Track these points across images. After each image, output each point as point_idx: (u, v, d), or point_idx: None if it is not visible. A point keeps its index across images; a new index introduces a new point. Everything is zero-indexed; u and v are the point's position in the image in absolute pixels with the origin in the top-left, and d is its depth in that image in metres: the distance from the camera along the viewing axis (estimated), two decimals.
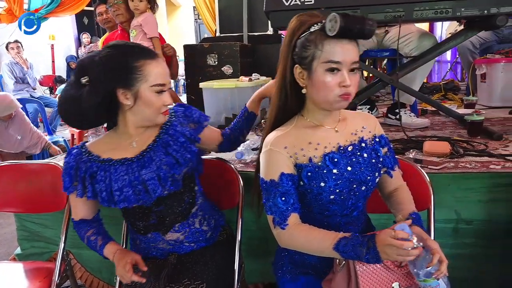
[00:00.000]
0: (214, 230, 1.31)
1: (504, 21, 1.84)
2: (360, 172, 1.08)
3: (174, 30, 11.75)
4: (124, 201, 1.13)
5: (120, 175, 1.13)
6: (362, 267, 1.02)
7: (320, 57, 0.98)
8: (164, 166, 1.14)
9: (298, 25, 1.04)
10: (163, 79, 1.12)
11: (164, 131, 1.20)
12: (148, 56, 1.11)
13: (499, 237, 1.44)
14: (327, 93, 1.00)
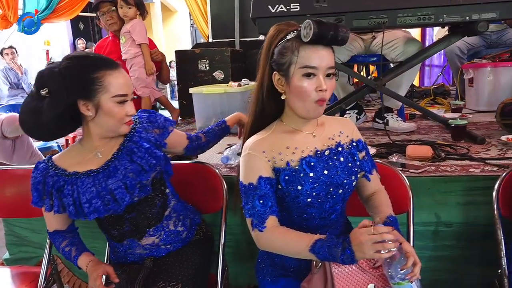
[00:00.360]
0: (190, 229, 1.33)
1: (485, 27, 1.88)
2: (337, 176, 1.10)
3: (170, 36, 11.80)
4: (95, 212, 1.13)
5: (88, 187, 1.14)
6: (338, 269, 1.04)
7: (297, 62, 1.01)
8: (130, 174, 1.15)
9: (275, 33, 1.07)
10: (125, 89, 1.12)
11: (129, 139, 1.20)
12: (108, 66, 1.10)
13: (477, 239, 1.46)
14: (304, 98, 1.02)
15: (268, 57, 1.08)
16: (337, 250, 0.96)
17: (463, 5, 1.87)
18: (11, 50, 5.28)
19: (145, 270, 1.21)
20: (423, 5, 1.91)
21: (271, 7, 2.00)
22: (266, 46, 1.09)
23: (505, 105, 2.13)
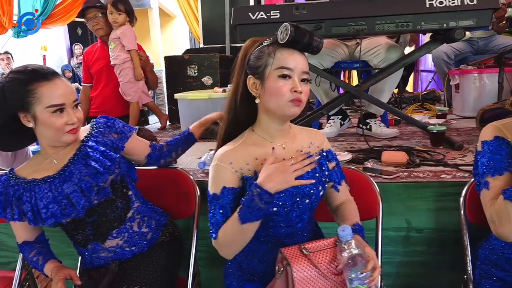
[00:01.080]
0: (155, 231, 1.34)
1: (462, 34, 1.89)
2: (303, 186, 1.11)
3: (168, 41, 11.83)
4: (52, 217, 1.16)
5: (44, 193, 1.16)
6: (299, 274, 1.04)
7: (273, 64, 1.04)
8: (85, 177, 1.17)
9: (251, 43, 1.12)
10: (61, 99, 1.13)
11: (84, 144, 1.23)
12: (43, 78, 1.13)
13: (448, 245, 1.47)
14: (279, 97, 1.04)
15: (243, 65, 1.10)
16: (254, 199, 0.99)
17: (441, 13, 1.89)
18: (7, 56, 5.33)
19: (110, 275, 1.22)
20: (401, 13, 1.93)
21: (252, 14, 2.02)
22: (241, 55, 1.12)
23: (485, 111, 2.14)
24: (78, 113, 1.19)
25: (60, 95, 1.14)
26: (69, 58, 8.20)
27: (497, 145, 1.06)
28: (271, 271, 1.14)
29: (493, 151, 1.06)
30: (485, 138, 1.09)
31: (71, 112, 1.16)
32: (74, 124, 1.16)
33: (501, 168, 1.04)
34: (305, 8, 1.99)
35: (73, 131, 1.17)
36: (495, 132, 1.08)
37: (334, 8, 1.97)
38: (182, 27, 12.36)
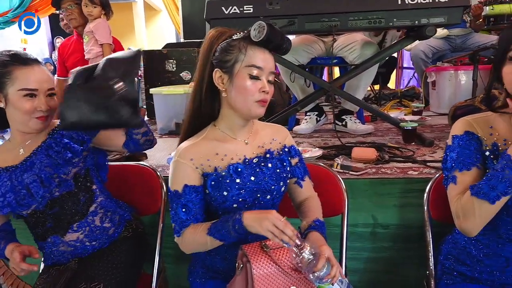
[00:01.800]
0: (118, 226, 1.32)
1: (433, 31, 1.90)
2: (264, 182, 1.11)
3: (154, 35, 11.71)
4: (7, 206, 1.16)
5: (3, 182, 1.17)
6: (258, 271, 1.03)
7: (243, 60, 1.03)
8: (46, 168, 1.18)
9: (218, 34, 1.09)
10: (34, 84, 1.15)
11: (50, 136, 1.24)
12: (21, 62, 1.16)
13: (413, 240, 1.48)
14: (247, 96, 1.04)
15: (209, 56, 1.08)
16: (229, 224, 1.00)
17: (412, 10, 1.90)
18: None
19: (68, 272, 1.20)
20: (374, 9, 1.93)
21: (225, 8, 2.00)
22: (207, 45, 1.09)
23: (457, 108, 2.16)
24: (51, 102, 1.19)
25: (34, 81, 1.16)
26: (50, 51, 8.05)
27: (467, 140, 1.05)
28: (234, 268, 1.13)
29: (462, 146, 1.05)
30: (455, 132, 1.08)
31: (43, 99, 1.17)
32: (43, 111, 1.17)
33: (469, 163, 1.03)
34: (278, 3, 1.97)
35: (41, 118, 1.18)
36: (466, 127, 1.07)
37: (307, 3, 1.96)
38: (168, 21, 12.25)
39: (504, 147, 1.00)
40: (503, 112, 1.04)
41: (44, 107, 1.17)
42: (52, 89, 1.20)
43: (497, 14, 3.58)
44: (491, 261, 1.08)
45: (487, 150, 1.03)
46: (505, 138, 1.02)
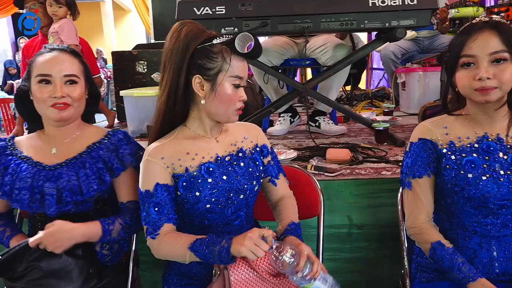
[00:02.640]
0: (115, 255, 1.27)
1: (403, 33, 1.94)
2: (237, 181, 1.10)
3: (124, 35, 11.49)
4: (18, 202, 1.14)
5: (26, 176, 1.14)
6: (236, 277, 1.02)
7: (228, 70, 1.02)
8: (70, 189, 1.13)
9: (194, 34, 1.03)
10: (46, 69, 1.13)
11: (88, 151, 1.19)
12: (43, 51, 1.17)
13: (388, 240, 1.50)
14: (229, 105, 1.05)
15: (184, 57, 1.03)
16: (215, 249, 0.97)
17: (383, 12, 1.93)
18: None
19: None
20: (345, 11, 1.95)
21: (197, 9, 1.98)
22: (182, 46, 1.03)
23: (427, 108, 2.22)
24: (70, 90, 1.14)
25: (47, 65, 1.12)
26: (14, 52, 7.76)
27: (421, 147, 1.12)
28: (210, 273, 1.11)
29: (417, 153, 1.13)
30: (411, 139, 1.15)
31: (59, 85, 1.12)
32: (57, 97, 1.11)
33: (420, 172, 1.12)
34: (251, 4, 1.96)
35: (59, 107, 1.13)
36: (421, 133, 1.14)
37: (280, 5, 1.96)
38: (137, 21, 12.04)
39: (460, 144, 1.10)
40: (457, 114, 1.12)
41: (58, 94, 1.11)
42: (71, 75, 1.15)
43: (462, 16, 3.72)
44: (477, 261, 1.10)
45: (443, 148, 1.11)
46: (459, 136, 1.10)
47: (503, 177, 1.05)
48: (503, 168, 1.06)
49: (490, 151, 1.07)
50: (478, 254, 1.09)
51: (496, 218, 1.08)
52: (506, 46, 0.99)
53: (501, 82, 0.99)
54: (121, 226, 1.18)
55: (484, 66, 0.99)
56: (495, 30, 1.00)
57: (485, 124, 1.09)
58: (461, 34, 1.04)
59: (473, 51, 1.00)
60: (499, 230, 1.08)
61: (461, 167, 1.07)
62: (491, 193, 1.04)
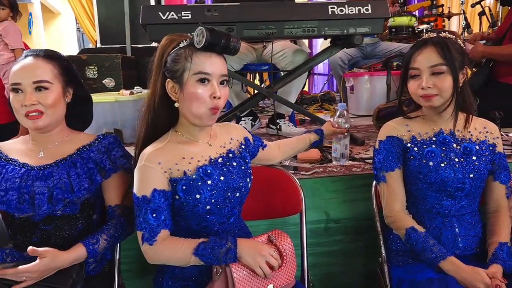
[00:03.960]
0: (99, 263, 1.24)
1: (360, 40, 2.08)
2: (232, 180, 1.14)
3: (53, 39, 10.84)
4: (4, 203, 1.11)
5: (13, 176, 1.11)
6: (239, 274, 1.05)
7: (190, 68, 1.03)
8: (61, 187, 1.12)
9: (167, 43, 1.08)
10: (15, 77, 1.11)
11: (78, 152, 1.20)
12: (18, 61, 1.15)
13: (362, 232, 1.61)
14: (198, 104, 1.05)
15: (160, 66, 1.08)
16: (221, 251, 1.02)
17: (341, 20, 2.06)
18: None
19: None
20: (307, 18, 2.05)
21: (162, 14, 1.97)
22: (158, 55, 1.09)
23: (380, 109, 2.39)
24: (40, 97, 1.11)
25: (18, 73, 1.11)
26: None
27: (389, 143, 1.29)
28: (206, 274, 1.14)
29: (387, 149, 1.29)
30: (380, 138, 1.32)
31: (29, 92, 1.10)
32: (27, 105, 1.09)
33: (392, 165, 1.28)
34: (216, 10, 1.99)
35: (32, 116, 1.11)
36: (388, 132, 1.31)
37: (245, 11, 2.01)
38: (68, 25, 11.44)
39: (420, 138, 1.29)
40: (413, 117, 1.32)
41: (27, 102, 1.08)
42: (40, 81, 1.10)
43: (397, 25, 4.02)
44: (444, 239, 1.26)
45: (408, 142, 1.29)
46: (420, 132, 1.29)
47: (458, 163, 1.24)
48: (457, 156, 1.25)
49: (446, 143, 1.26)
50: (443, 232, 1.26)
51: (454, 199, 1.25)
52: (444, 60, 1.17)
53: (441, 90, 1.18)
54: (106, 241, 1.17)
55: (425, 77, 1.19)
56: (436, 46, 1.18)
57: (439, 122, 1.29)
58: (412, 48, 1.24)
59: (417, 65, 1.20)
60: (458, 210, 1.26)
61: (423, 157, 1.25)
62: (448, 178, 1.22)
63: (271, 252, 1.06)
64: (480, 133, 1.30)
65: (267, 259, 1.05)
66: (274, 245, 1.11)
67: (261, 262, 1.03)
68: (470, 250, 1.26)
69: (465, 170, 1.24)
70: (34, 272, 1.01)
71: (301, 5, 2.12)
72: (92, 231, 1.20)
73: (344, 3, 2.04)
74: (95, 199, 1.23)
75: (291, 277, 1.12)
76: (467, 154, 1.25)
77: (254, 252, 1.04)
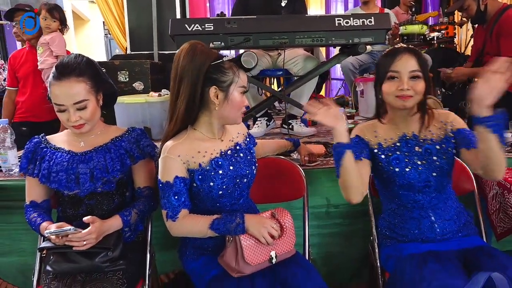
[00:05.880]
0: (133, 232, 1.51)
1: (364, 48, 2.32)
2: (240, 169, 1.39)
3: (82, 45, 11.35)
4: (57, 183, 1.38)
5: (62, 161, 1.39)
6: (246, 242, 1.27)
7: (237, 82, 1.30)
8: (99, 168, 1.39)
9: (207, 53, 1.30)
10: (59, 100, 1.32)
11: (112, 141, 1.46)
12: (55, 78, 1.33)
13: (359, 216, 1.83)
14: (239, 110, 1.33)
15: (201, 72, 1.26)
16: (231, 225, 1.27)
17: (347, 31, 2.29)
18: None
19: None
20: (316, 29, 2.29)
21: (188, 26, 2.25)
22: (198, 62, 1.27)
23: None
24: (82, 113, 1.34)
25: (59, 97, 1.33)
26: None
27: (356, 140, 1.47)
28: (221, 244, 1.36)
29: (353, 144, 1.43)
30: (352, 136, 1.49)
31: (72, 112, 1.33)
32: (74, 122, 1.34)
33: (357, 155, 1.41)
34: (236, 22, 2.26)
35: (77, 127, 1.37)
36: (357, 132, 1.51)
37: (261, 23, 2.27)
38: (96, 31, 11.95)
39: (386, 144, 1.45)
40: (384, 122, 1.48)
41: (73, 120, 1.33)
42: (80, 102, 1.33)
43: (409, 33, 4.22)
44: (407, 224, 1.46)
45: (374, 148, 1.46)
46: (385, 138, 1.46)
47: (421, 166, 1.41)
48: (420, 159, 1.42)
49: (408, 147, 1.43)
50: (421, 221, 1.44)
51: (424, 194, 1.43)
52: (419, 67, 1.35)
53: (416, 92, 1.35)
54: (137, 214, 1.45)
55: (405, 80, 1.34)
56: (413, 54, 1.36)
57: (402, 126, 1.45)
58: (388, 56, 1.40)
59: (398, 68, 1.35)
60: (430, 201, 1.43)
61: (389, 164, 1.44)
62: (414, 180, 1.41)
63: (272, 225, 1.29)
64: (439, 128, 1.42)
65: (269, 230, 1.28)
66: (276, 220, 1.34)
67: (264, 233, 1.27)
68: (447, 234, 1.42)
69: (428, 170, 1.39)
70: (93, 233, 1.28)
71: (311, 18, 2.38)
72: (125, 206, 1.48)
73: (349, 16, 2.27)
74: (127, 179, 1.51)
75: (291, 247, 1.35)
76: (429, 155, 1.40)
77: (259, 225, 1.28)
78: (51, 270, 1.33)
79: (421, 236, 1.43)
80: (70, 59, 1.37)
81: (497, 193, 1.66)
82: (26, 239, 1.81)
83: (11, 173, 1.87)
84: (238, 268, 1.28)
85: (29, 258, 1.80)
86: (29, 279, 1.56)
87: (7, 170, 1.87)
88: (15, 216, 1.79)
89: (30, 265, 1.75)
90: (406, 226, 1.46)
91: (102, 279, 1.33)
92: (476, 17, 2.67)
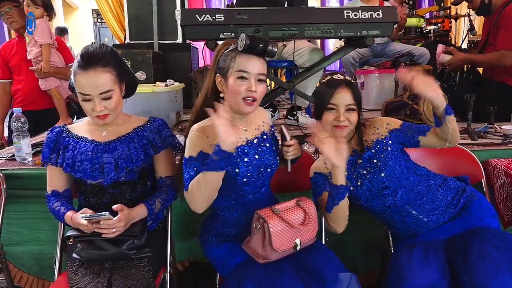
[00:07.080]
0: (155, 220, 1.55)
1: (372, 41, 2.35)
2: (265, 159, 1.41)
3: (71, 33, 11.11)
4: (82, 172, 1.38)
5: (86, 150, 1.39)
6: (274, 228, 1.30)
7: (233, 67, 1.28)
8: (123, 158, 1.40)
9: (222, 46, 1.36)
10: (85, 89, 1.32)
11: (135, 131, 1.47)
12: (79, 66, 1.33)
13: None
14: (236, 95, 1.28)
15: (215, 65, 1.35)
16: (211, 157, 1.20)
17: (355, 23, 2.32)
18: None
19: None
20: (325, 22, 2.31)
21: (199, 16, 2.24)
22: (214, 57, 1.36)
23: (388, 103, 2.66)
24: (107, 103, 1.35)
25: (85, 86, 1.33)
26: None
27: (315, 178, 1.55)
28: (243, 232, 1.41)
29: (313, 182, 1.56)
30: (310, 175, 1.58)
31: (97, 102, 1.34)
32: (99, 111, 1.35)
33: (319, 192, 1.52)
34: (246, 13, 2.27)
35: (101, 117, 1.37)
36: (314, 170, 1.57)
37: (271, 15, 2.29)
38: (86, 19, 11.77)
39: None
40: None
41: (98, 109, 1.33)
42: (106, 92, 1.33)
43: (407, 26, 4.27)
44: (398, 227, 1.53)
45: (330, 178, 1.46)
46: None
47: (367, 174, 1.48)
48: (365, 169, 1.49)
49: (351, 163, 1.51)
50: (405, 220, 1.49)
51: (389, 196, 1.48)
52: (354, 100, 1.42)
53: (351, 123, 1.42)
54: (160, 204, 1.47)
55: (341, 112, 1.40)
56: (349, 88, 1.42)
57: None
58: (327, 86, 1.43)
59: (336, 102, 1.41)
60: (400, 200, 1.48)
61: None
62: (369, 188, 1.48)
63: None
64: (372, 134, 1.52)
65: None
66: (301, 208, 1.38)
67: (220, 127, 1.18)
68: (436, 216, 1.47)
69: (376, 174, 1.46)
70: (122, 221, 1.31)
71: (320, 10, 2.40)
72: (147, 195, 1.51)
73: (358, 8, 2.30)
74: (149, 169, 1.53)
75: (313, 235, 1.39)
76: (369, 161, 1.48)
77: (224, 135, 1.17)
78: (77, 258, 1.35)
79: (415, 232, 1.50)
80: (95, 48, 1.37)
81: (504, 183, 1.73)
82: (43, 228, 1.81)
83: (25, 162, 1.87)
84: (264, 254, 1.31)
85: (45, 247, 1.81)
86: (44, 268, 1.58)
87: (21, 159, 1.87)
88: (32, 205, 1.80)
89: (46, 254, 1.78)
90: (399, 228, 1.54)
91: (129, 266, 1.35)
92: (481, 8, 2.73)
